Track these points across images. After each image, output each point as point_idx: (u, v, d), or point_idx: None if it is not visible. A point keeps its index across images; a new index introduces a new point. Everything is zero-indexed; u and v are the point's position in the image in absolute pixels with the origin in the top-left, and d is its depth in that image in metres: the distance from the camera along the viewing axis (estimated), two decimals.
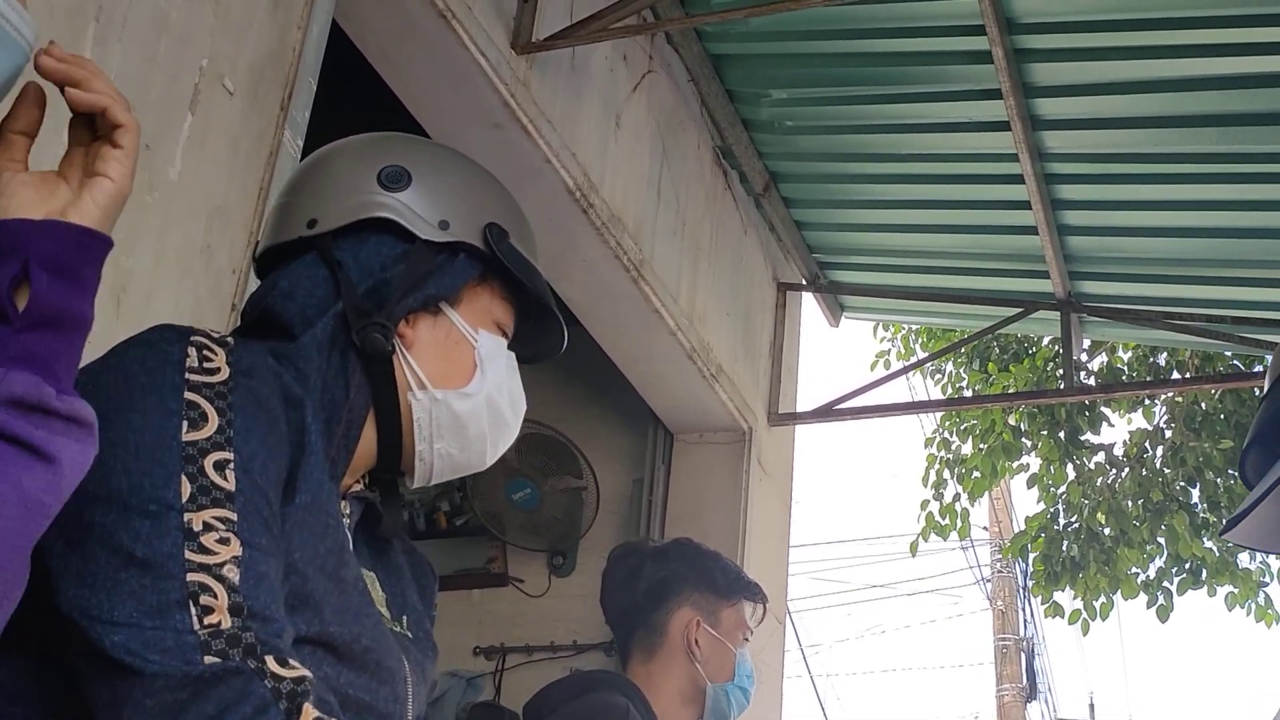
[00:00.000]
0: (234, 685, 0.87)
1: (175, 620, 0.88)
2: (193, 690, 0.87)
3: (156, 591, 0.89)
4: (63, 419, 0.83)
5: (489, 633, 4.55)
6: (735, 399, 4.31)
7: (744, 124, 4.18)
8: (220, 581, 0.91)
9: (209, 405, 0.98)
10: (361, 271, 1.16)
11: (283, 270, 1.18)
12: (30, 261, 0.84)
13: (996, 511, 13.30)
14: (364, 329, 1.14)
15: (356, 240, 1.18)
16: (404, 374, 1.16)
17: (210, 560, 0.92)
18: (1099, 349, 6.71)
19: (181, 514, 0.92)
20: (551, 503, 4.54)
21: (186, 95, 2.04)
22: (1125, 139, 3.89)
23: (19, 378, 0.81)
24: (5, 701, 0.93)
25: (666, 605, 2.26)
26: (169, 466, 0.94)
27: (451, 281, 1.19)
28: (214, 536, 0.93)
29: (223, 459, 0.96)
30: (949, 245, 4.63)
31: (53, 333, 0.84)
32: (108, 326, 1.85)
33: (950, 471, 7.07)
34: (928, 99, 3.87)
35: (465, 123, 2.98)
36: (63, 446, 0.83)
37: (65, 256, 0.86)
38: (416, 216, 1.18)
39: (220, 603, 0.90)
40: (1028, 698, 12.95)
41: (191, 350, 1.02)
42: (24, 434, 0.81)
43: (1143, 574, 6.59)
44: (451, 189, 1.22)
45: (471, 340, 1.20)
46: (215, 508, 0.94)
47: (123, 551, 0.91)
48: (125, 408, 0.97)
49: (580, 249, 3.38)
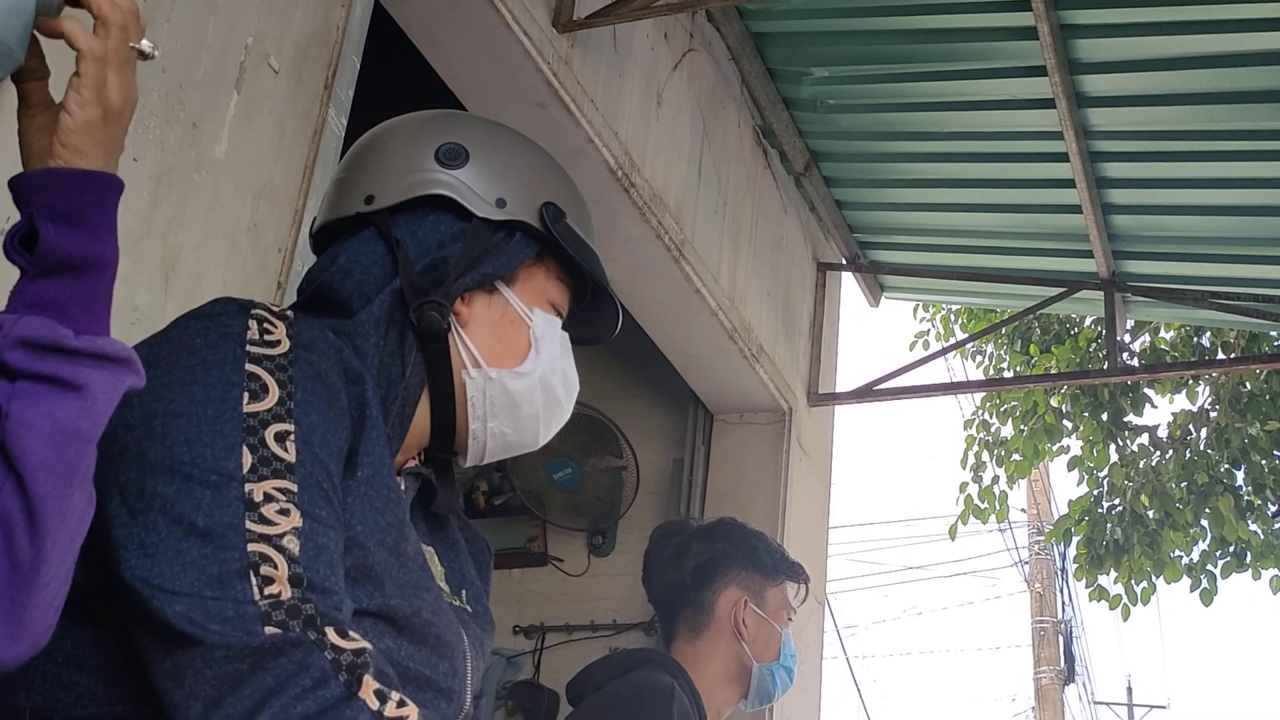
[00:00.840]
0: (294, 657, 0.88)
1: (236, 590, 0.89)
2: (253, 661, 0.87)
3: (217, 561, 0.90)
4: (85, 355, 0.84)
5: (529, 611, 4.57)
6: (775, 379, 4.30)
7: (785, 102, 4.15)
8: (280, 552, 0.91)
9: (269, 377, 0.98)
10: (419, 249, 1.16)
11: (340, 246, 1.18)
12: (35, 213, 0.85)
13: (1034, 494, 13.23)
14: (421, 307, 1.13)
15: (414, 217, 1.17)
16: (459, 352, 1.16)
17: (271, 531, 0.92)
18: (1142, 329, 6.64)
19: (242, 484, 0.93)
20: (592, 482, 4.54)
21: (233, 74, 2.05)
22: (1172, 115, 3.84)
23: (30, 321, 0.83)
24: (71, 671, 0.94)
25: (713, 584, 2.26)
26: (230, 437, 0.94)
27: (508, 260, 1.19)
28: (274, 507, 0.93)
29: (283, 430, 0.96)
30: (991, 224, 4.59)
31: (67, 277, 0.85)
32: (156, 303, 1.87)
33: (990, 454, 7.02)
34: (972, 76, 3.83)
35: (508, 102, 2.97)
36: (89, 375, 0.84)
37: (63, 202, 0.86)
38: (474, 194, 1.18)
39: (280, 573, 0.90)
40: (1065, 680, 12.90)
41: (252, 323, 1.02)
42: (44, 369, 0.82)
43: (1186, 557, 6.53)
44: (509, 167, 1.22)
45: (527, 319, 1.20)
46: (276, 479, 0.94)
47: (184, 521, 0.91)
48: (187, 380, 0.97)
49: (621, 228, 3.38)
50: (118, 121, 0.90)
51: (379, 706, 0.89)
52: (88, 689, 0.93)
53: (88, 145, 0.88)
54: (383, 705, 0.89)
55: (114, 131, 0.90)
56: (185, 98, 1.94)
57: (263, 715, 0.86)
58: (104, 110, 0.89)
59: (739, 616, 2.23)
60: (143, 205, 1.85)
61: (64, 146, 0.87)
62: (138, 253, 1.84)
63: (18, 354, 0.82)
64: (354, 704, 0.88)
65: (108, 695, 0.93)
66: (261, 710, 0.86)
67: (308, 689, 0.87)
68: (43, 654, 0.91)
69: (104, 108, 0.89)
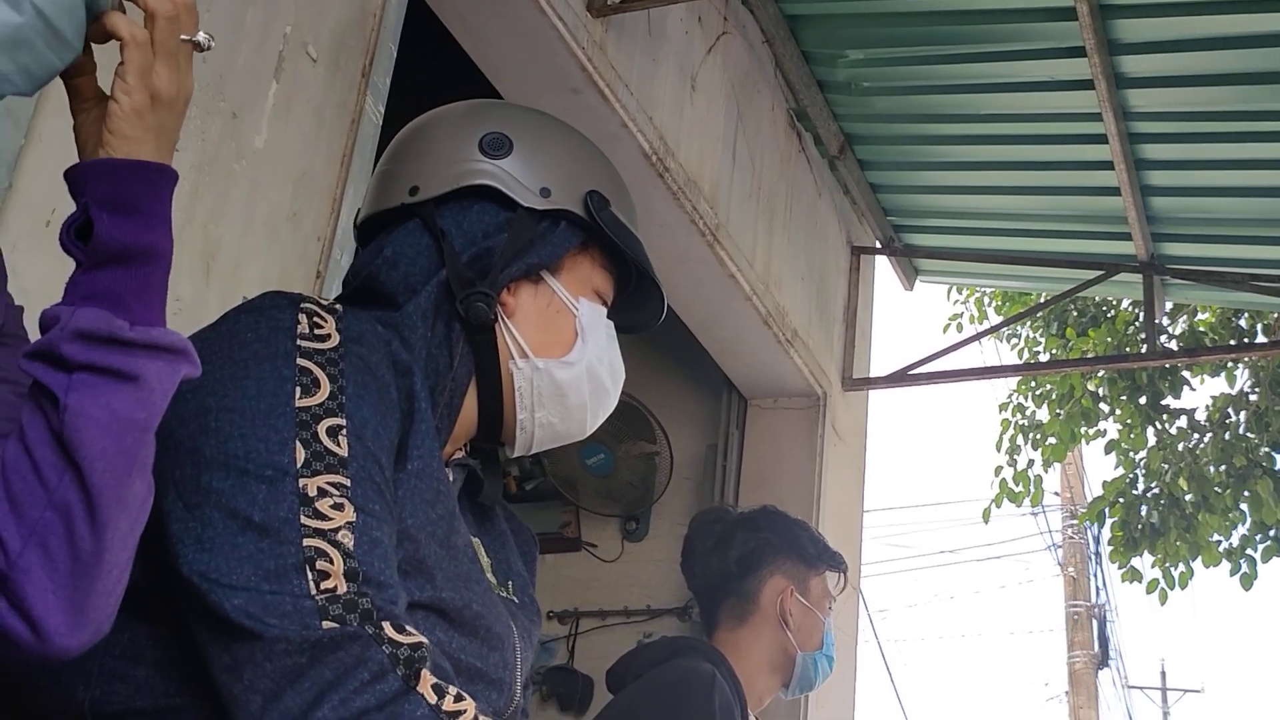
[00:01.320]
0: (351, 651, 0.88)
1: (293, 585, 0.89)
2: (311, 655, 0.87)
3: (274, 556, 0.90)
4: (140, 346, 0.84)
5: (562, 597, 4.58)
6: (810, 364, 4.28)
7: (819, 85, 4.12)
8: (335, 547, 0.91)
9: (321, 371, 0.99)
10: (464, 240, 1.16)
11: (385, 238, 1.18)
12: (89, 203, 0.85)
13: (1069, 477, 13.15)
14: (467, 298, 1.13)
15: (459, 208, 1.17)
16: (506, 343, 1.16)
17: (325, 525, 0.92)
18: (1180, 312, 6.57)
19: (297, 479, 0.93)
20: (625, 468, 4.54)
21: (271, 63, 2.05)
22: (1212, 96, 3.79)
23: (85, 313, 0.83)
24: (128, 664, 0.94)
25: (759, 573, 2.26)
26: (284, 432, 0.95)
27: (553, 250, 1.19)
28: (329, 502, 0.93)
29: (336, 425, 0.97)
30: (1028, 207, 4.55)
31: (122, 268, 0.85)
32: (198, 293, 1.88)
33: (1025, 437, 6.98)
34: (1009, 57, 3.79)
35: (543, 88, 2.96)
36: (145, 366, 0.84)
37: (116, 192, 0.86)
38: (518, 184, 1.18)
39: (336, 568, 0.91)
40: (1099, 665, 12.84)
41: (302, 317, 1.02)
42: (100, 361, 0.83)
43: (1225, 541, 6.47)
44: (553, 156, 1.21)
45: (573, 309, 1.20)
46: (329, 473, 0.94)
47: (240, 516, 0.91)
48: (239, 375, 0.97)
49: (656, 213, 3.37)
50: (170, 110, 0.90)
51: (437, 701, 0.89)
52: (145, 682, 0.94)
53: (137, 131, 0.88)
54: (440, 699, 0.89)
55: (165, 119, 0.90)
56: (225, 88, 1.95)
57: (322, 709, 0.86)
58: (151, 97, 0.88)
59: (785, 605, 2.24)
60: (184, 195, 1.86)
61: (112, 134, 0.87)
62: (179, 243, 1.82)
63: (75, 346, 0.82)
64: (412, 698, 0.88)
65: (165, 688, 0.94)
66: (321, 704, 0.86)
67: (366, 683, 0.87)
68: (100, 647, 0.92)
69: (150, 94, 0.88)
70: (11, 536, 0.80)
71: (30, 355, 0.84)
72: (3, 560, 0.80)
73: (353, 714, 0.86)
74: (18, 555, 0.80)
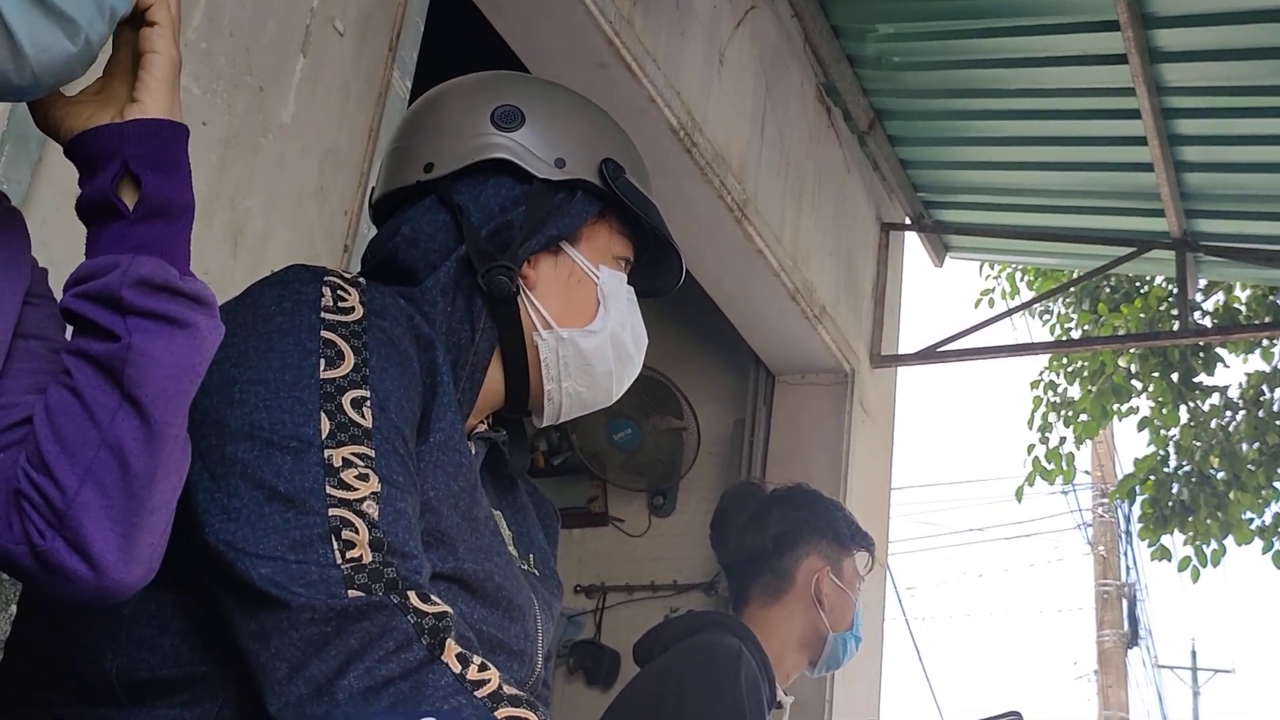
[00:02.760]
0: (377, 620, 0.89)
1: (319, 554, 0.90)
2: (337, 624, 0.88)
3: (300, 526, 0.91)
4: (188, 296, 0.88)
5: (589, 571, 4.60)
6: (838, 340, 4.27)
7: (849, 60, 4.09)
8: (361, 517, 0.92)
9: (345, 344, 0.99)
10: (482, 214, 1.16)
11: (402, 216, 1.19)
12: (129, 160, 0.89)
13: (1099, 455, 13.07)
14: (489, 272, 1.14)
15: (474, 183, 1.17)
16: (529, 315, 1.17)
17: (351, 496, 0.93)
18: (1216, 288, 6.50)
19: (322, 450, 0.94)
20: (652, 443, 4.55)
21: (299, 37, 2.06)
22: (1247, 71, 3.74)
23: (146, 261, 0.87)
24: (155, 633, 0.95)
25: (795, 552, 2.27)
26: (308, 404, 0.95)
27: (571, 220, 1.19)
28: (354, 472, 0.94)
29: (360, 396, 0.97)
30: (1060, 183, 4.51)
31: (164, 221, 0.90)
32: (225, 267, 1.89)
33: (1057, 414, 6.93)
34: (1041, 31, 3.75)
35: (571, 63, 2.95)
36: (196, 316, 0.88)
37: (157, 151, 0.90)
38: (532, 155, 1.18)
39: (361, 538, 0.91)
40: (1129, 644, 12.79)
41: (326, 290, 1.03)
42: (159, 308, 0.87)
43: (1257, 519, 6.42)
44: (566, 126, 1.21)
45: (593, 277, 1.20)
46: (354, 444, 0.95)
47: (266, 487, 0.92)
48: (264, 347, 0.98)
49: (684, 189, 3.36)
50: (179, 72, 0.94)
51: (461, 670, 0.90)
52: (171, 650, 0.95)
53: (175, 81, 0.92)
54: (465, 669, 0.90)
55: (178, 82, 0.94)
56: (252, 62, 1.95)
57: (347, 677, 0.87)
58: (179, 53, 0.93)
59: (820, 585, 2.25)
60: (211, 169, 1.87)
61: (158, 82, 0.91)
62: (207, 216, 1.86)
63: (136, 292, 0.86)
64: (437, 667, 0.89)
65: (190, 657, 0.95)
66: (346, 672, 0.87)
67: (391, 652, 0.88)
68: (127, 616, 0.93)
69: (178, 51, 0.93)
70: (67, 476, 0.83)
71: (83, 296, 0.87)
72: (60, 499, 0.83)
73: (378, 682, 0.87)
74: (75, 493, 0.83)
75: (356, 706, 0.86)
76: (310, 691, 0.87)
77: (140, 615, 0.95)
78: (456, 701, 0.88)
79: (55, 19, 0.82)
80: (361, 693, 0.87)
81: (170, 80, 0.92)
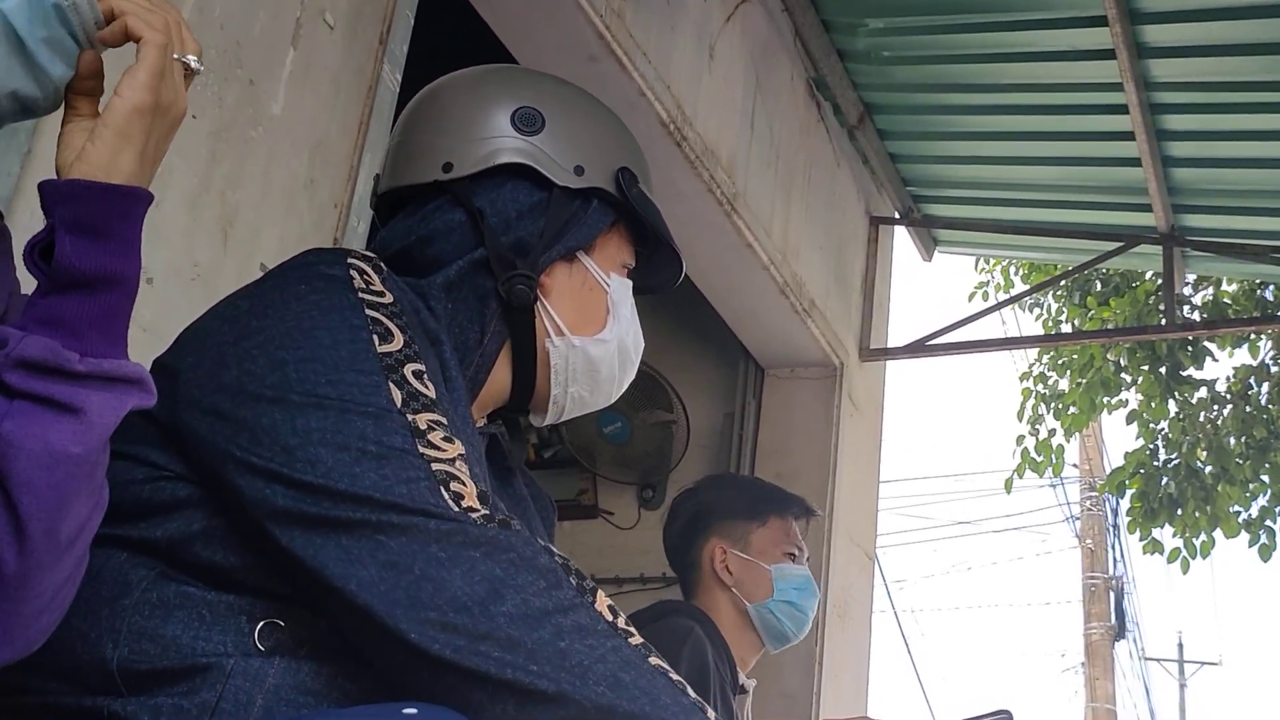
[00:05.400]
0: (524, 553, 0.89)
1: (437, 496, 0.90)
2: (485, 550, 0.88)
3: (404, 479, 0.90)
4: (91, 378, 0.81)
5: (579, 563, 4.56)
6: (827, 334, 4.28)
7: (839, 54, 4.10)
8: (461, 473, 0.92)
9: (390, 323, 0.99)
10: (500, 219, 1.16)
11: (414, 213, 1.18)
12: (55, 225, 0.82)
13: (1087, 449, 13.11)
14: (509, 280, 1.14)
15: (493, 185, 1.17)
16: (543, 321, 1.17)
17: (443, 455, 0.92)
18: (1204, 283, 6.53)
19: (403, 414, 0.93)
20: (642, 436, 4.56)
21: (289, 30, 2.06)
22: (1234, 67, 3.75)
23: (33, 342, 0.80)
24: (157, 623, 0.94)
25: (697, 540, 2.35)
26: (373, 376, 0.95)
27: (589, 231, 1.19)
28: (439, 435, 0.93)
29: (419, 369, 0.97)
30: (1048, 178, 4.53)
31: (82, 294, 0.82)
32: (215, 259, 1.89)
33: (1046, 407, 6.96)
34: (1030, 27, 3.76)
35: (559, 55, 2.95)
36: (88, 398, 0.81)
37: (85, 214, 0.82)
38: (553, 162, 1.18)
39: (469, 490, 0.91)
40: (1116, 636, 12.85)
41: (353, 271, 1.03)
42: (41, 391, 0.80)
43: (1244, 512, 6.46)
44: (584, 132, 1.21)
45: (605, 286, 1.21)
46: (427, 412, 0.95)
47: (351, 449, 0.91)
48: (307, 325, 0.97)
49: (674, 182, 3.36)
50: (164, 119, 0.87)
51: (613, 619, 0.90)
52: (172, 641, 0.94)
53: (132, 131, 0.84)
54: (616, 619, 0.91)
55: (157, 130, 0.86)
56: (242, 54, 1.96)
57: (505, 604, 0.87)
58: (155, 100, 0.85)
59: (719, 564, 2.30)
60: (201, 162, 1.87)
61: (105, 127, 0.84)
62: (197, 209, 1.86)
63: (17, 375, 0.80)
64: (592, 611, 0.89)
65: (191, 648, 0.94)
66: (502, 598, 0.87)
67: (542, 590, 0.88)
68: (129, 607, 0.93)
69: (155, 97, 0.85)
70: None
71: None
72: None
73: (534, 613, 0.87)
74: None
75: (519, 630, 0.86)
76: (458, 610, 0.86)
77: (143, 605, 0.94)
78: (614, 643, 0.88)
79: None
80: (521, 618, 0.86)
81: (124, 132, 0.84)
